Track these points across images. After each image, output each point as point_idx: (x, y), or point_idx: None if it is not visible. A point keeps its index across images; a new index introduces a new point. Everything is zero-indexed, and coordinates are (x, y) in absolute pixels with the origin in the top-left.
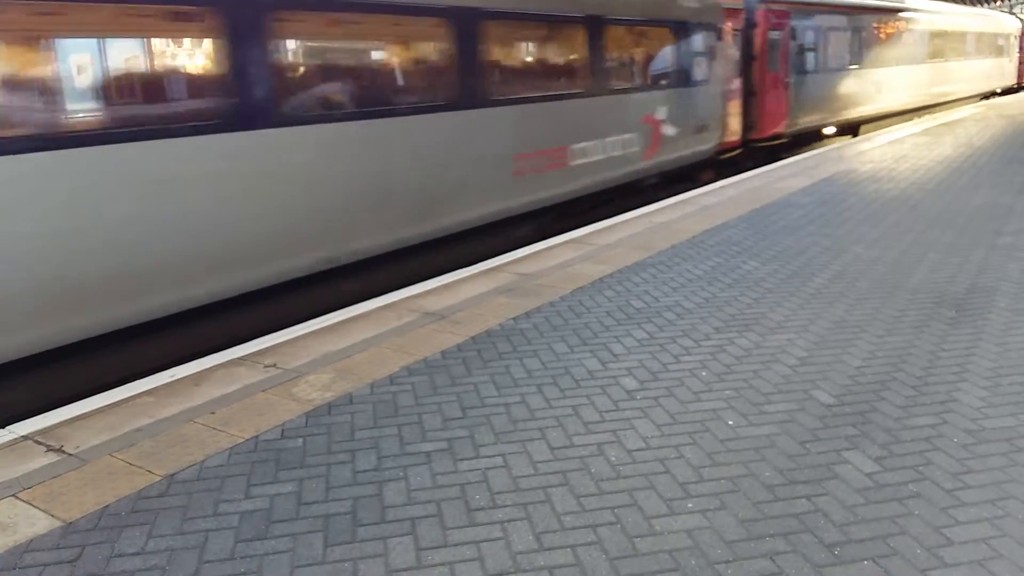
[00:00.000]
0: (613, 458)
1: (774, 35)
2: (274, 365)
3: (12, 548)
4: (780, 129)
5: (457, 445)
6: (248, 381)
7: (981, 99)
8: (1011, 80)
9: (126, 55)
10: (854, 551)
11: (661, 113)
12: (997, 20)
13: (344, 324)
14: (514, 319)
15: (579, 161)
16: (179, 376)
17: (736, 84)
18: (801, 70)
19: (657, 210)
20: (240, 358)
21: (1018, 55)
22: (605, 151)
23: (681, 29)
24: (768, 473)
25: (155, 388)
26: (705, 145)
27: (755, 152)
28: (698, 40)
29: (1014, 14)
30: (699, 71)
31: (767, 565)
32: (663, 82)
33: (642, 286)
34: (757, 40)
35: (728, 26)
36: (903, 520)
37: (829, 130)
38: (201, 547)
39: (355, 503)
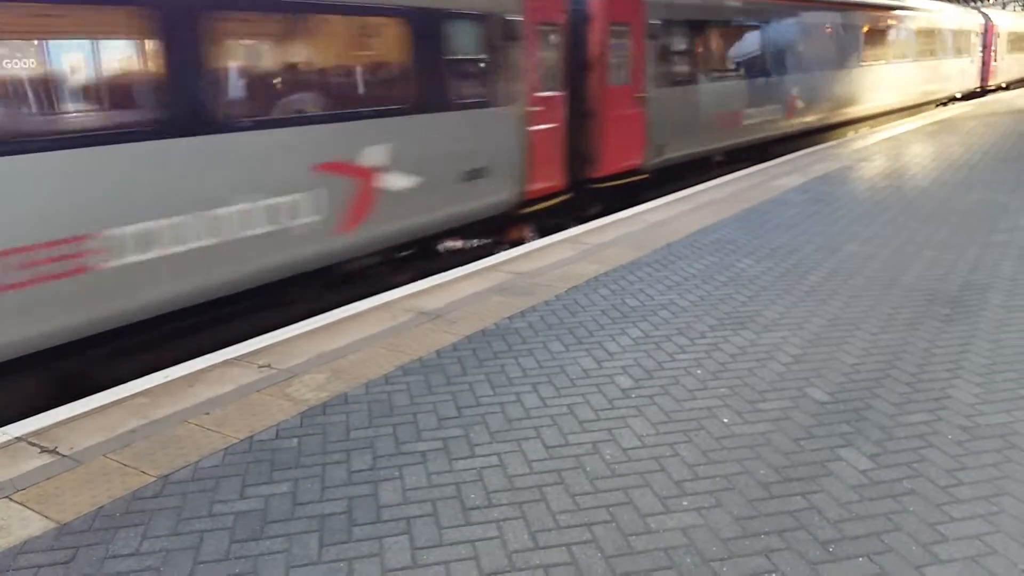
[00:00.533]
0: (608, 456)
1: (619, 32)
2: (268, 365)
3: (6, 550)
4: (635, 162)
5: (452, 444)
6: (242, 382)
7: (939, 105)
8: (972, 83)
9: None
10: (849, 548)
11: (376, 156)
12: (954, 15)
13: (338, 324)
14: (509, 318)
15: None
16: (173, 377)
17: (554, 103)
18: (668, 81)
19: (652, 209)
20: (234, 359)
21: (981, 55)
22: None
23: (430, 24)
24: (763, 471)
25: (149, 389)
26: (489, 198)
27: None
28: (466, 41)
29: (978, 9)
30: (471, 87)
31: (762, 563)
32: (388, 106)
33: (637, 285)
34: (592, 41)
35: (531, 20)
36: (898, 517)
37: (720, 156)
38: (196, 548)
39: (350, 503)
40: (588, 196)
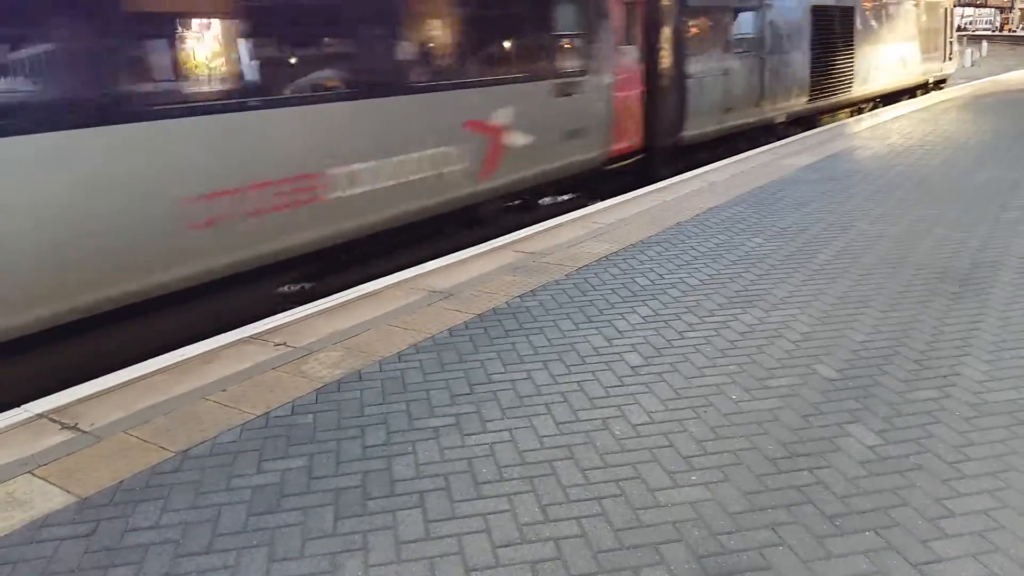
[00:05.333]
0: (618, 432)
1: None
2: (284, 344)
3: (29, 523)
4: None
5: (464, 420)
6: (259, 359)
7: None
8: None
9: None
10: (856, 522)
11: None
12: None
13: (352, 303)
14: (520, 297)
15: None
16: (191, 355)
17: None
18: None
19: (663, 187)
20: (250, 337)
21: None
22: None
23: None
24: (771, 446)
25: (168, 366)
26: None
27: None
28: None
29: None
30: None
31: (769, 536)
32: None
33: (647, 264)
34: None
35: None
36: (905, 492)
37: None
38: (215, 520)
39: (364, 477)
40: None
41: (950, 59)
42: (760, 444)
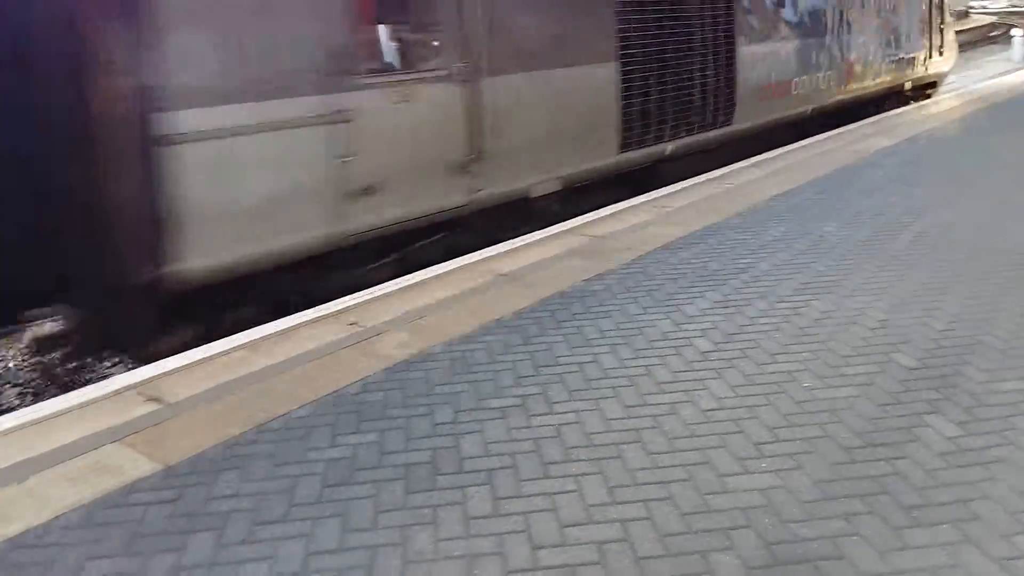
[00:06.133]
0: (686, 417)
1: None
2: (355, 323)
3: (119, 488)
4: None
5: (531, 401)
6: (331, 338)
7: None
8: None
9: None
10: (934, 514)
11: None
12: None
13: (421, 284)
14: (586, 281)
15: None
16: (267, 332)
17: None
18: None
19: (729, 173)
20: (323, 316)
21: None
22: None
23: None
24: (845, 435)
25: (245, 343)
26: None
27: None
28: None
29: None
30: None
31: (843, 525)
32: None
33: (715, 249)
34: None
35: None
36: (986, 485)
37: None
38: (290, 491)
39: (434, 454)
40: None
41: (940, 54)
42: (834, 433)
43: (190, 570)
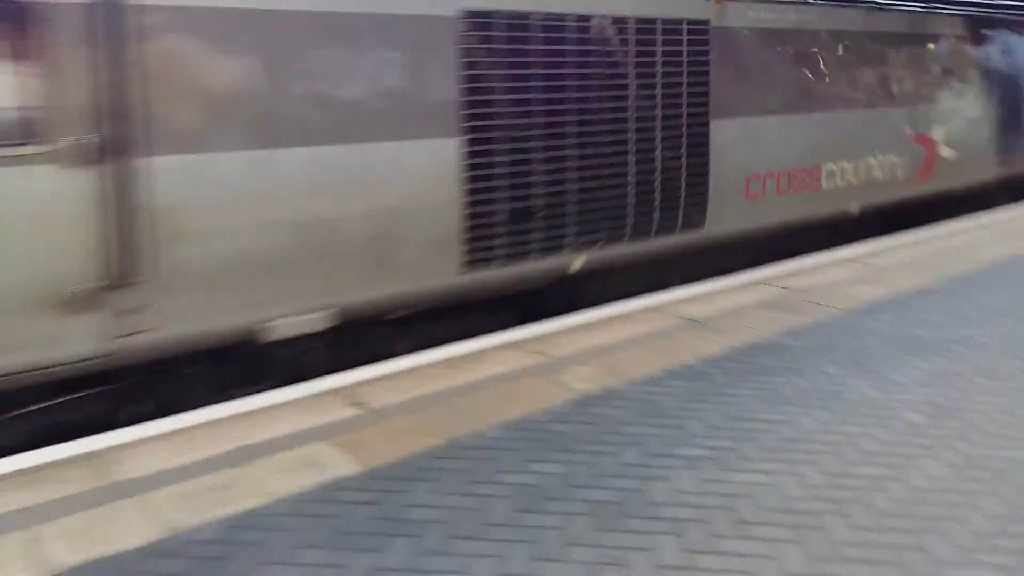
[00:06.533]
0: (896, 494)
1: None
2: (542, 352)
3: (323, 485)
4: None
5: (723, 455)
6: (519, 365)
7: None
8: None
9: None
10: None
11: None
12: None
13: (608, 321)
14: (780, 334)
15: None
16: (462, 353)
17: None
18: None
19: (942, 234)
20: (511, 342)
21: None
22: None
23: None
24: None
25: (443, 360)
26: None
27: None
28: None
29: None
30: None
31: None
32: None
33: (924, 314)
34: None
35: None
36: None
37: None
38: (483, 510)
39: (622, 494)
40: None
41: None
42: None
43: (389, 572)
